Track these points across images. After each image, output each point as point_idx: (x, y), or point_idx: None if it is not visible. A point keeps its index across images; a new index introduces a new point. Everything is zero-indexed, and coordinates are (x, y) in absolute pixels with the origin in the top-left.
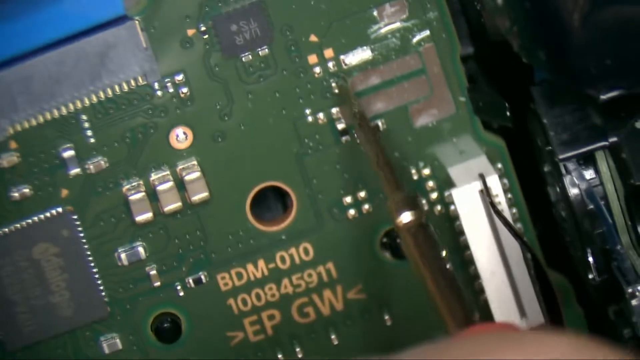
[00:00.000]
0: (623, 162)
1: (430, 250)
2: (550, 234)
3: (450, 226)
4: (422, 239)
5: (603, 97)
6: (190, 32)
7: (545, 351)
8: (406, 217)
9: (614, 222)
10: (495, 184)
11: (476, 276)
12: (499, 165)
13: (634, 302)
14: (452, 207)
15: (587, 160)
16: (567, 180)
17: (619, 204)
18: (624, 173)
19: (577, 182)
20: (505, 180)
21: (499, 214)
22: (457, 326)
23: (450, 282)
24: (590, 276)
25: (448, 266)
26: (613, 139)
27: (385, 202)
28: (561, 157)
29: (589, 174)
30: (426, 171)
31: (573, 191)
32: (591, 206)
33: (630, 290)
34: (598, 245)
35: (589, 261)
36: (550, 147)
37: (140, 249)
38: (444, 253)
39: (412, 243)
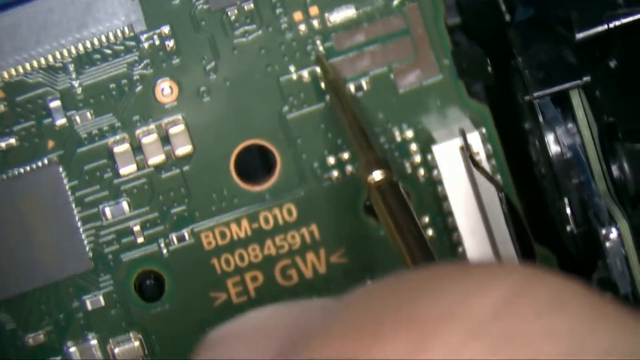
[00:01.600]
0: (596, 101)
1: (399, 208)
2: (535, 209)
3: (433, 191)
4: (392, 197)
5: (578, 36)
6: None
7: (491, 282)
8: (377, 175)
9: (591, 169)
10: (476, 141)
11: (459, 243)
12: (483, 131)
13: (607, 244)
14: (435, 172)
15: (564, 103)
16: (544, 126)
17: (595, 150)
18: (597, 112)
19: (553, 128)
20: (489, 146)
21: (476, 165)
22: None
23: (418, 239)
24: (568, 229)
25: (417, 226)
26: (587, 78)
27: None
28: (536, 94)
29: (567, 122)
30: (409, 133)
31: (550, 138)
32: (569, 155)
33: (604, 231)
34: (575, 195)
35: (566, 213)
36: (528, 97)
37: (125, 204)
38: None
39: (381, 200)
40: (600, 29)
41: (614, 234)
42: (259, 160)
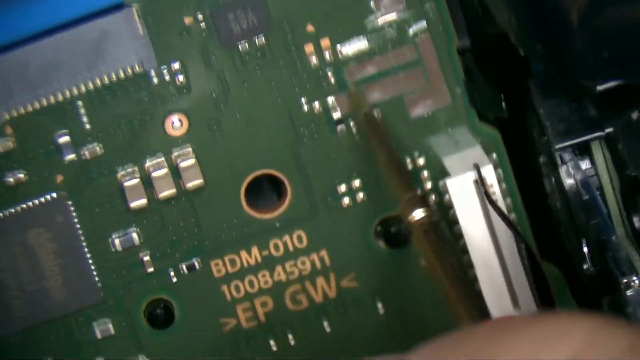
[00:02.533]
0: (618, 153)
1: (443, 247)
2: (544, 226)
3: (444, 216)
4: (435, 236)
5: (599, 87)
6: (188, 20)
7: (564, 332)
8: (418, 214)
9: (609, 213)
10: (489, 174)
11: (469, 265)
12: (494, 156)
13: (628, 292)
14: (447, 197)
15: (583, 151)
16: (562, 170)
17: (614, 195)
18: (619, 164)
19: (572, 172)
20: (500, 171)
21: (492, 203)
22: (472, 322)
23: (464, 278)
24: (585, 267)
25: (462, 265)
26: (609, 130)
27: (378, 192)
28: (557, 147)
29: (585, 164)
30: (421, 161)
31: (568, 182)
32: (586, 197)
33: (625, 280)
34: (593, 235)
35: (583, 252)
36: (546, 138)
37: (134, 235)
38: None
39: (425, 240)
40: (621, 80)
41: (636, 283)
42: (270, 185)
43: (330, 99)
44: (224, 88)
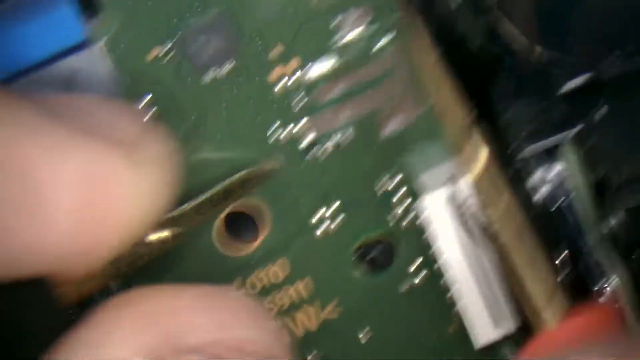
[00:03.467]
0: (586, 153)
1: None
2: None
3: (419, 238)
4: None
5: (564, 88)
6: (155, 52)
7: None
8: (483, 156)
9: (581, 219)
10: (465, 187)
11: (447, 289)
12: None
13: (601, 300)
14: (422, 218)
15: (551, 155)
16: (532, 179)
17: (584, 199)
18: (588, 163)
19: (541, 179)
20: None
21: (470, 216)
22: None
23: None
24: (559, 279)
25: None
26: (575, 130)
27: (354, 217)
28: (525, 151)
29: (554, 170)
30: (396, 180)
31: (538, 191)
32: (557, 204)
33: (596, 289)
34: (565, 245)
35: (556, 263)
36: (513, 146)
37: None
38: None
39: (493, 180)
40: (586, 78)
41: (608, 288)
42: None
43: (301, 123)
44: (200, 115)
